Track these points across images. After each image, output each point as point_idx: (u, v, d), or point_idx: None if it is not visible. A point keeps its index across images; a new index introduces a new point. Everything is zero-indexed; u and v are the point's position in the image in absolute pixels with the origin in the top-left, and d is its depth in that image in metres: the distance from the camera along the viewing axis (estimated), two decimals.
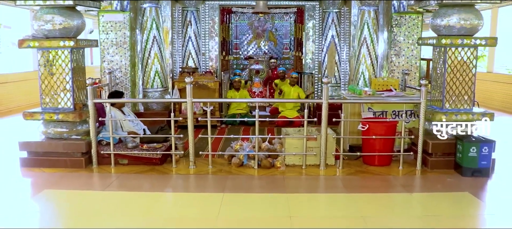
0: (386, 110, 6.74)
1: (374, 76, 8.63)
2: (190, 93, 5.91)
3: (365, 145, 6.30)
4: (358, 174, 5.93)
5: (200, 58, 10.08)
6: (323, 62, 10.22)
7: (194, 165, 6.06)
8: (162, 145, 6.34)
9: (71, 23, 5.99)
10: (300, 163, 6.13)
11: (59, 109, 6.12)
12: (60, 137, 6.16)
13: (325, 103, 5.88)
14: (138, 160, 6.18)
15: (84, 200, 5.03)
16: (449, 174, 5.85)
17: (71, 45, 5.93)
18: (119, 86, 8.37)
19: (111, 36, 8.33)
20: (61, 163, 6.06)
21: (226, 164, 6.25)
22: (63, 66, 6.04)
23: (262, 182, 5.68)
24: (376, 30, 8.67)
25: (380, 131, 6.12)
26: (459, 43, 5.86)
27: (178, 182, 5.76)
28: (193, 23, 9.93)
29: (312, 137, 6.09)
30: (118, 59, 8.38)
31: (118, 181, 5.68)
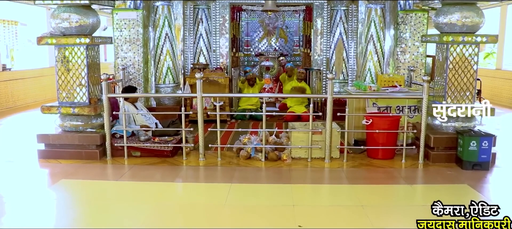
0: (390, 105, 6.92)
1: (380, 73, 8.80)
2: (200, 88, 6.16)
3: (369, 139, 6.50)
4: (361, 166, 6.13)
5: (211, 55, 10.34)
6: (331, 59, 10.42)
7: (203, 157, 6.31)
8: (173, 138, 6.59)
9: (87, 21, 6.25)
10: (306, 156, 6.35)
11: (75, 104, 6.40)
12: (76, 130, 6.45)
13: (330, 99, 6.09)
14: (150, 152, 6.44)
15: (99, 189, 5.32)
16: (450, 168, 6.02)
17: (87, 42, 6.19)
18: (132, 82, 8.64)
19: (125, 33, 8.60)
20: (77, 155, 6.35)
21: (235, 157, 6.49)
22: (78, 62, 6.32)
23: (268, 174, 5.90)
24: (383, 27, 8.84)
25: (384, 125, 6.30)
26: (461, 41, 6.01)
27: (188, 173, 6.01)
28: (204, 20, 10.21)
29: (317, 131, 6.31)
30: (132, 56, 8.65)
31: (131, 171, 5.93)
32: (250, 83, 9.88)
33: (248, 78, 9.99)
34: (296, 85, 9.69)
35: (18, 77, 12.07)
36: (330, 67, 10.38)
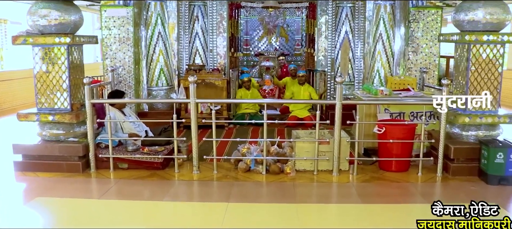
0: (404, 111, 6.29)
1: (390, 75, 8.17)
2: (193, 93, 5.52)
3: (381, 149, 5.88)
4: (373, 180, 5.51)
5: (207, 55, 9.67)
6: (336, 59, 9.76)
7: (197, 170, 5.69)
8: (164, 148, 5.97)
9: (68, 18, 5.65)
10: (312, 168, 5.73)
11: (55, 110, 5.79)
12: (57, 139, 5.83)
13: (338, 105, 5.45)
14: (139, 164, 5.82)
15: (78, 209, 4.67)
16: (473, 182, 5.40)
17: (67, 41, 5.57)
18: (122, 84, 8.03)
19: (114, 32, 7.97)
20: (57, 167, 5.73)
21: (232, 169, 5.87)
22: (59, 64, 5.69)
23: (270, 190, 5.27)
24: (393, 25, 8.20)
25: (398, 134, 5.68)
26: (485, 40, 5.40)
27: (180, 189, 5.38)
28: (200, 18, 9.52)
29: (324, 141, 5.68)
30: (121, 56, 8.02)
31: (117, 187, 5.32)
32: (246, 86, 9.21)
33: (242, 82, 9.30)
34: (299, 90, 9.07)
35: (6, 79, 11.43)
36: (335, 68, 9.74)
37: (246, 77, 9.22)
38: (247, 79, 9.18)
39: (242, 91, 9.19)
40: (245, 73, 9.68)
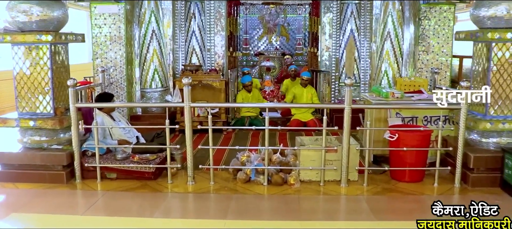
0: (416, 116, 5.79)
1: (398, 76, 7.66)
2: (188, 96, 5.01)
3: (393, 158, 5.37)
4: (386, 193, 5.00)
5: (204, 54, 9.15)
6: (340, 59, 9.24)
7: (192, 180, 5.18)
8: (156, 156, 5.48)
9: (51, 14, 5.16)
10: (318, 178, 5.22)
11: (37, 115, 5.29)
12: (39, 146, 5.33)
13: (347, 109, 4.95)
14: (129, 174, 5.31)
15: (57, 227, 4.16)
16: (496, 194, 4.88)
17: (49, 39, 5.07)
18: (113, 86, 7.52)
19: (105, 30, 7.46)
20: (39, 177, 5.23)
21: (231, 179, 5.37)
22: (41, 64, 5.19)
23: (272, 204, 4.76)
24: (402, 23, 7.69)
25: (412, 142, 5.18)
26: (509, 38, 4.90)
27: (173, 203, 4.86)
28: (197, 15, 8.98)
29: (332, 149, 5.17)
30: (113, 56, 7.52)
31: (104, 200, 4.82)
32: (247, 89, 8.68)
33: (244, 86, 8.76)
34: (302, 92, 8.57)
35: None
36: (339, 69, 9.23)
37: (248, 80, 8.67)
38: (249, 83, 8.64)
39: (243, 93, 8.68)
40: (247, 75, 9.15)
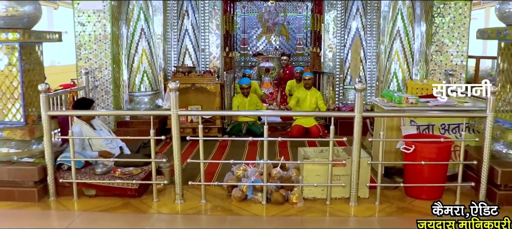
0: (433, 123, 5.16)
1: (409, 78, 7.03)
2: (175, 103, 4.38)
3: (409, 172, 4.76)
4: (401, 212, 4.38)
5: (199, 55, 8.49)
6: (345, 60, 8.59)
7: (181, 198, 4.55)
8: (141, 170, 4.86)
9: (20, 9, 4.56)
10: (324, 196, 4.60)
11: (5, 124, 4.68)
12: (8, 160, 4.69)
13: (358, 118, 4.32)
14: (109, 191, 4.68)
15: None
16: None
17: (17, 38, 4.45)
18: (98, 89, 6.90)
19: (89, 28, 6.83)
20: (6, 195, 4.61)
21: (225, 196, 4.75)
22: (9, 66, 4.57)
23: (271, 226, 4.14)
24: (412, 21, 7.05)
25: (431, 154, 4.56)
26: None
27: (158, 226, 4.24)
28: (190, 13, 8.30)
29: (340, 162, 4.54)
30: (97, 57, 6.88)
31: (80, 222, 4.22)
32: (244, 92, 8.04)
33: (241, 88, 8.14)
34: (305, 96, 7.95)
35: None
36: (344, 70, 8.59)
37: (245, 83, 8.01)
38: (246, 85, 7.99)
39: (239, 98, 8.04)
40: (245, 77, 8.48)
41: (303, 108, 7.95)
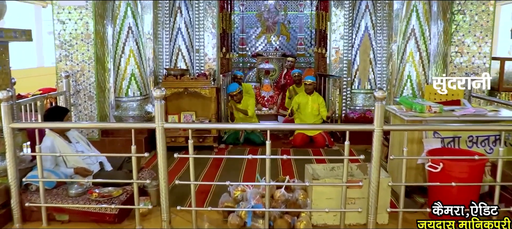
0: (459, 136, 4.47)
1: (426, 82, 6.35)
2: (160, 114, 3.68)
3: (435, 193, 4.08)
4: None
5: (193, 56, 7.80)
6: (353, 61, 7.91)
7: (169, 225, 3.85)
8: (123, 190, 4.18)
9: None
10: (336, 222, 3.93)
11: None
12: None
13: (377, 132, 3.62)
14: (85, 215, 4.01)
15: None
16: None
17: None
18: (80, 94, 6.23)
19: (70, 26, 6.15)
20: None
21: (220, 221, 4.08)
22: None
23: None
24: (429, 18, 6.37)
25: (462, 174, 3.89)
26: None
27: None
28: (183, 10, 7.59)
29: (355, 184, 3.85)
30: (80, 58, 6.20)
31: None
32: (235, 99, 7.40)
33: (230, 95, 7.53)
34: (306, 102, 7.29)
35: None
36: (351, 73, 7.90)
37: (233, 90, 7.45)
38: (235, 91, 7.37)
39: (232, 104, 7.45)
40: (233, 83, 7.85)
41: (304, 115, 7.32)
